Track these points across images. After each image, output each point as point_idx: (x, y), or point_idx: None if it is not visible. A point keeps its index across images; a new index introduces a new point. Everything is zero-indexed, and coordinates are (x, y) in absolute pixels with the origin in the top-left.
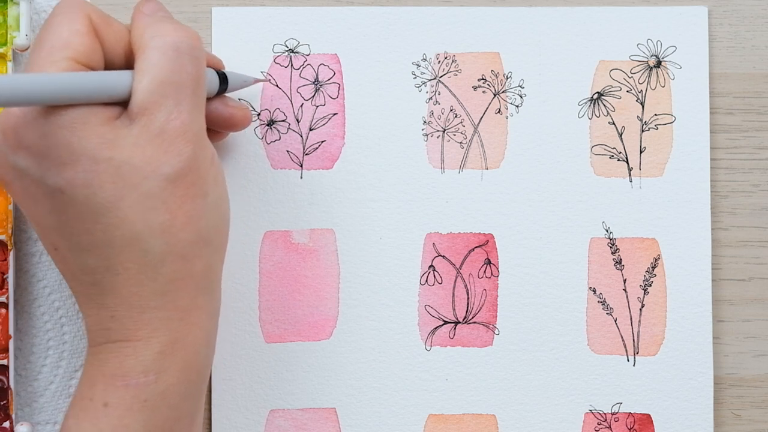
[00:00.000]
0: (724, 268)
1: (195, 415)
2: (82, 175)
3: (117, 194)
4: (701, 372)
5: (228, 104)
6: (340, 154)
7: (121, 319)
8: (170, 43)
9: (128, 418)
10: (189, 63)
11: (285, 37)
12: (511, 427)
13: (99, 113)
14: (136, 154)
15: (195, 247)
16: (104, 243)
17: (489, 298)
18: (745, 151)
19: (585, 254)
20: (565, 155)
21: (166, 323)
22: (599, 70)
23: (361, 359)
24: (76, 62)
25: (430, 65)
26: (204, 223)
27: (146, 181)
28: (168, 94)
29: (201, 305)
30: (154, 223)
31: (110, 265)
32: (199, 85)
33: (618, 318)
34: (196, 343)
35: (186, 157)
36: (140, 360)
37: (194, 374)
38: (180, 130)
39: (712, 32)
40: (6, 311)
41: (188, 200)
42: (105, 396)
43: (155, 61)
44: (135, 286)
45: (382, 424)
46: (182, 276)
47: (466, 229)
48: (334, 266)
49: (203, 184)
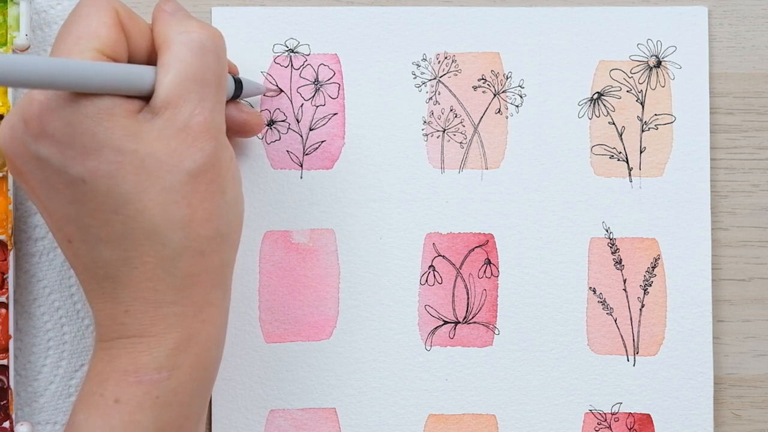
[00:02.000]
0: (724, 268)
1: (202, 412)
2: (105, 165)
3: (139, 186)
4: (701, 372)
5: (242, 110)
6: (340, 154)
7: (135, 313)
8: (196, 40)
9: (139, 414)
10: (213, 61)
11: (285, 37)
12: (511, 427)
13: (124, 105)
14: (159, 148)
15: (212, 243)
16: (123, 235)
17: (489, 298)
18: (745, 151)
19: (585, 254)
20: (565, 155)
21: (181, 319)
22: (599, 70)
23: (361, 359)
24: (102, 53)
25: (430, 65)
26: (222, 219)
27: (169, 174)
28: (193, 90)
29: (214, 301)
30: (175, 217)
31: (128, 257)
32: (222, 84)
33: (618, 318)
34: (209, 340)
35: (208, 153)
36: (154, 356)
37: (205, 371)
38: (203, 126)
39: (712, 32)
40: (6, 311)
41: (208, 196)
42: (116, 392)
43: (181, 56)
44: (152, 280)
45: (382, 424)
46: (199, 271)
47: (466, 229)
48: (334, 266)
49: (223, 181)
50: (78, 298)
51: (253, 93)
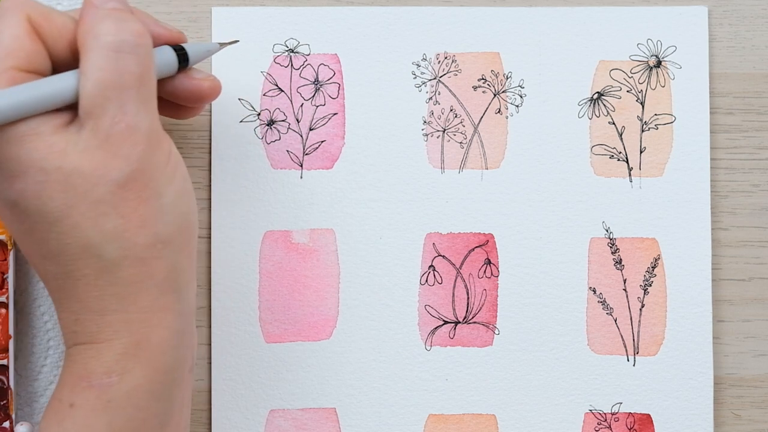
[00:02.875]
0: (724, 268)
1: (167, 417)
2: (32, 186)
3: (67, 203)
4: (701, 372)
5: (193, 77)
6: (340, 154)
7: (84, 322)
8: (110, 44)
9: (92, 418)
10: (132, 62)
11: (285, 37)
12: (511, 427)
13: (51, 121)
14: (84, 162)
15: (153, 249)
16: (60, 251)
17: (489, 298)
18: (745, 151)
19: (585, 254)
20: (565, 155)
21: (127, 325)
22: (599, 70)
23: (361, 359)
24: (19, 71)
25: (430, 65)
26: (161, 224)
27: (96, 188)
28: (111, 97)
29: (166, 306)
30: (107, 228)
31: (68, 271)
32: (144, 83)
33: (618, 318)
34: (162, 344)
35: (135, 159)
36: (103, 361)
37: (161, 375)
38: (126, 133)
39: (712, 32)
40: (6, 311)
41: (141, 203)
42: (71, 397)
43: (96, 63)
44: (94, 290)
45: (382, 424)
46: (141, 278)
47: (466, 229)
48: (334, 266)
49: (156, 185)
50: None
51: (204, 56)
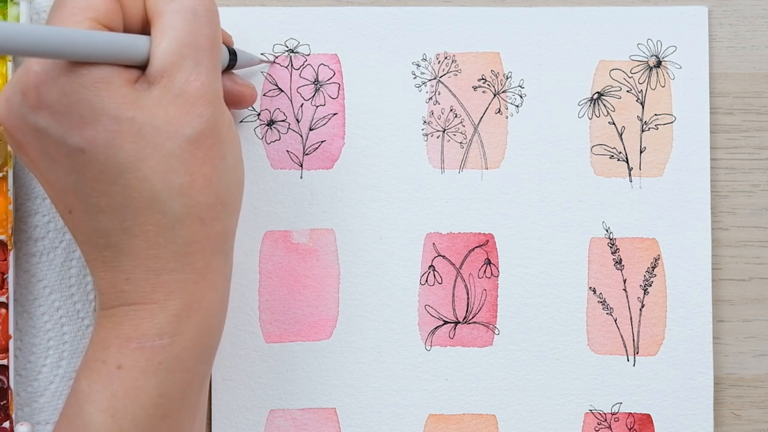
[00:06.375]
0: (724, 268)
1: (205, 380)
2: (103, 134)
3: (138, 155)
4: (701, 372)
5: (236, 81)
6: (340, 154)
7: (136, 281)
8: (188, 6)
9: (142, 380)
10: (206, 26)
11: (285, 37)
12: (511, 427)
13: (121, 74)
14: (158, 115)
15: (213, 210)
16: (123, 204)
17: (489, 298)
18: (745, 151)
19: (585, 254)
20: (565, 155)
21: (183, 286)
22: (599, 70)
23: (361, 359)
24: (97, 23)
25: (430, 65)
26: (222, 185)
27: (168, 141)
28: (187, 56)
29: (216, 267)
30: (174, 184)
31: (128, 226)
32: (216, 49)
33: (618, 318)
34: (211, 306)
35: (206, 118)
36: (156, 323)
37: (208, 337)
38: (200, 92)
39: (712, 32)
40: (6, 311)
41: (208, 162)
42: (119, 358)
43: (173, 23)
44: (152, 248)
45: (382, 424)
46: (200, 238)
47: (466, 229)
48: (334, 266)
49: (222, 146)
50: (78, 298)
51: (247, 64)
